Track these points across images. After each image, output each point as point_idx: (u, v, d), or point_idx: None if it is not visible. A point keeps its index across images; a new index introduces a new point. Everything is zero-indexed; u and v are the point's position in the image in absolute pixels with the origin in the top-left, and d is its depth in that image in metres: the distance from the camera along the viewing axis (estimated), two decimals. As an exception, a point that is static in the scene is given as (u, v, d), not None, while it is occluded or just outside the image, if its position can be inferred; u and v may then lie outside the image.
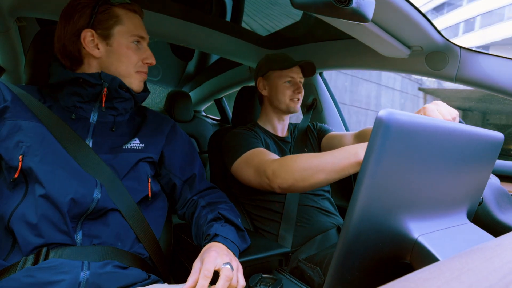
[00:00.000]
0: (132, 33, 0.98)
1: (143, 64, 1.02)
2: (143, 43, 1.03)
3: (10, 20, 1.40)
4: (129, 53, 0.98)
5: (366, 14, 0.75)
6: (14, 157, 0.82)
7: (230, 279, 0.76)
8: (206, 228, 0.97)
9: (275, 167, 1.11)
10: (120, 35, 0.96)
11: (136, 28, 0.99)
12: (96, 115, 0.96)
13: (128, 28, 0.97)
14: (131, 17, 0.99)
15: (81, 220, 0.85)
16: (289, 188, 1.09)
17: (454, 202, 0.68)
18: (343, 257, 0.52)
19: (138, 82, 1.02)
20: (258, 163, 1.20)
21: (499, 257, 0.31)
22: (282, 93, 1.48)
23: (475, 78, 1.30)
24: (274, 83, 1.50)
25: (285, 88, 1.49)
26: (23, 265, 0.77)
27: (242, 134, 1.38)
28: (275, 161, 1.14)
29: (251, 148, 1.29)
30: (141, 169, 0.98)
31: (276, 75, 1.50)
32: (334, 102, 2.14)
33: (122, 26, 0.96)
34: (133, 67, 0.99)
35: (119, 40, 0.96)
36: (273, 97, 1.51)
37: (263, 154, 1.24)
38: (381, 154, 0.48)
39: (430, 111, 0.88)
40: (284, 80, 1.49)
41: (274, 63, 1.51)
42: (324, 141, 1.58)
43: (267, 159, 1.18)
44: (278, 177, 1.09)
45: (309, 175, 1.03)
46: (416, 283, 0.26)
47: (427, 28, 1.19)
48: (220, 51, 2.06)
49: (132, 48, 0.98)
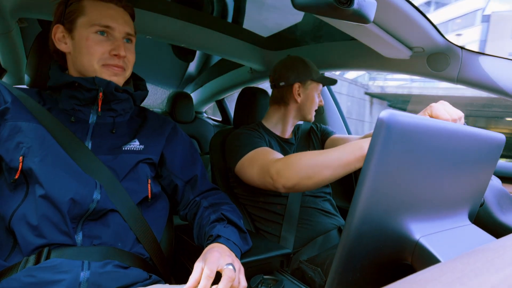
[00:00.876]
0: (93, 22, 0.91)
1: (110, 57, 0.94)
2: (114, 34, 0.95)
3: (11, 21, 1.40)
4: (90, 45, 0.91)
5: (368, 15, 0.75)
6: (14, 158, 0.83)
7: (233, 280, 0.76)
8: (209, 228, 0.96)
9: (279, 166, 1.10)
10: (81, 26, 0.92)
11: (100, 17, 0.92)
12: (95, 117, 0.96)
13: (90, 18, 0.92)
14: (98, 6, 0.93)
15: (81, 221, 0.85)
16: (294, 187, 1.07)
17: (455, 203, 0.68)
18: (345, 258, 0.52)
19: (108, 77, 0.94)
20: (262, 162, 1.19)
21: (500, 258, 0.31)
22: (315, 104, 1.52)
23: (477, 80, 1.30)
24: (311, 94, 1.50)
25: (316, 100, 1.52)
26: (24, 265, 0.77)
27: (246, 134, 1.37)
28: (279, 160, 1.13)
29: (255, 147, 1.28)
30: (141, 170, 0.97)
31: (314, 87, 1.51)
32: (336, 103, 2.14)
33: (84, 16, 0.92)
34: (96, 60, 0.93)
35: (80, 32, 0.92)
36: (306, 106, 1.51)
37: (267, 153, 1.23)
38: (382, 155, 0.48)
39: (437, 110, 0.88)
40: (317, 93, 1.52)
41: (314, 73, 1.50)
42: (327, 143, 1.58)
43: (271, 159, 1.17)
44: (282, 176, 1.08)
45: (315, 172, 1.02)
46: (418, 285, 0.26)
47: (429, 29, 1.19)
48: (222, 52, 2.06)
49: (94, 39, 0.92)
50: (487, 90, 1.30)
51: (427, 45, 1.32)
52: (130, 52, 0.99)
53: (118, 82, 0.97)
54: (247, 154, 1.27)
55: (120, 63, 0.96)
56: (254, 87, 1.74)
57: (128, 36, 0.98)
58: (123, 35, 0.97)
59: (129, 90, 1.00)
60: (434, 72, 1.40)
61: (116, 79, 0.96)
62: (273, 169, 1.11)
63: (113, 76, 0.95)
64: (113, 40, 0.95)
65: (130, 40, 1.00)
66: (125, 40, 0.98)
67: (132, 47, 1.01)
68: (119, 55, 0.94)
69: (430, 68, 1.40)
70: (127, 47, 0.98)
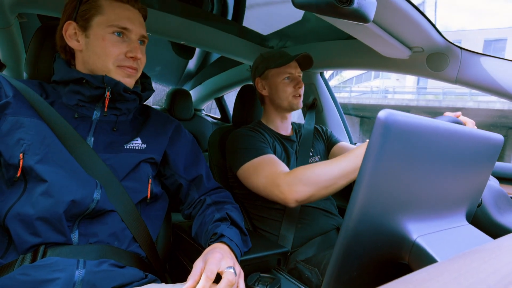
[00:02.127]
0: (111, 23, 0.90)
1: (126, 58, 0.94)
2: (130, 36, 0.94)
3: (11, 16, 1.40)
4: (106, 45, 0.91)
5: (368, 14, 0.75)
6: (14, 154, 0.81)
7: (232, 284, 0.75)
8: (212, 227, 0.96)
9: (290, 181, 1.10)
10: (97, 25, 0.91)
11: (118, 18, 0.91)
12: (98, 113, 0.95)
13: (108, 18, 0.91)
14: (115, 7, 0.92)
15: (78, 220, 0.84)
16: (308, 199, 1.09)
17: (453, 203, 0.68)
18: (342, 257, 0.52)
19: (121, 78, 0.94)
20: (269, 174, 1.18)
21: (497, 259, 0.31)
22: (283, 90, 1.45)
23: (476, 80, 1.30)
24: (273, 82, 1.47)
25: (285, 85, 1.45)
26: (20, 263, 0.77)
27: (250, 137, 1.35)
28: (289, 174, 1.13)
29: (261, 154, 1.26)
30: (142, 170, 0.97)
31: (274, 73, 1.47)
32: (335, 102, 2.14)
33: (101, 16, 0.91)
34: (112, 61, 0.92)
35: (96, 31, 0.91)
36: (274, 95, 1.48)
37: (274, 164, 1.22)
38: (380, 155, 0.48)
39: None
40: (283, 77, 1.45)
41: (270, 61, 1.48)
42: (334, 150, 1.58)
43: (279, 172, 1.17)
44: (295, 191, 1.09)
45: (331, 183, 1.06)
46: (414, 284, 0.26)
47: (428, 29, 1.19)
48: (221, 49, 2.06)
49: (110, 40, 0.91)
50: (486, 91, 1.30)
51: (426, 45, 1.32)
52: (143, 54, 0.99)
53: (130, 84, 0.97)
54: (251, 160, 1.26)
55: (134, 65, 0.95)
56: (253, 85, 1.73)
57: (142, 38, 0.98)
58: (138, 37, 0.96)
59: (138, 91, 0.99)
60: (433, 72, 1.40)
61: (129, 80, 0.96)
62: (283, 182, 1.12)
63: (126, 77, 0.95)
64: (129, 42, 0.94)
65: (143, 42, 1.00)
66: (139, 42, 0.98)
67: (144, 49, 1.01)
68: (135, 57, 0.94)
69: (429, 68, 1.40)
70: (141, 49, 0.98)
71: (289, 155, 1.45)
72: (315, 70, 2.01)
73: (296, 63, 1.49)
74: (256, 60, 1.56)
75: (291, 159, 1.44)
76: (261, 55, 1.54)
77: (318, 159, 1.52)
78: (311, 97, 2.05)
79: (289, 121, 1.59)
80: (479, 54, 1.30)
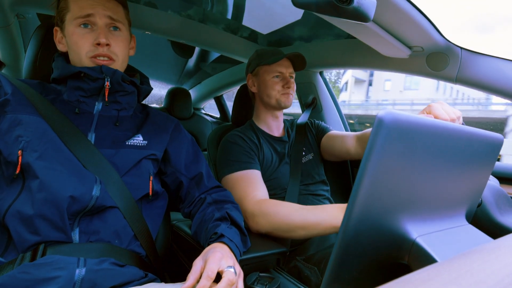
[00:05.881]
0: (76, 15, 0.90)
1: (95, 47, 0.91)
2: (96, 21, 0.91)
3: (11, 14, 1.40)
4: (76, 39, 0.90)
5: (367, 13, 0.74)
6: (13, 152, 0.81)
7: (233, 284, 0.75)
8: (212, 226, 0.95)
9: (256, 211, 1.14)
10: (68, 23, 0.91)
11: (80, 9, 0.89)
12: (100, 105, 0.95)
13: (73, 12, 0.90)
14: (79, 0, 0.91)
15: (78, 217, 0.84)
16: (267, 233, 1.14)
17: (453, 203, 0.68)
18: (341, 256, 0.52)
19: None
20: (242, 195, 1.21)
21: (497, 259, 0.31)
22: (271, 88, 1.43)
23: (476, 80, 1.30)
24: (262, 79, 1.46)
25: (274, 83, 1.43)
26: (20, 262, 0.76)
27: (237, 146, 1.35)
28: (257, 204, 1.16)
29: (243, 168, 1.28)
30: (144, 167, 0.96)
31: (264, 70, 1.45)
32: (334, 102, 2.14)
33: (69, 12, 0.91)
34: (84, 53, 0.91)
35: (68, 29, 0.92)
36: (263, 93, 1.46)
37: (250, 184, 1.24)
38: (380, 154, 0.48)
39: (435, 109, 0.88)
40: (273, 75, 1.43)
41: (262, 58, 1.47)
42: (324, 140, 1.56)
43: (251, 196, 1.20)
44: (256, 223, 1.14)
45: (290, 230, 1.09)
46: (414, 284, 0.26)
47: (428, 29, 1.19)
48: (221, 48, 2.06)
49: (79, 33, 0.90)
50: (486, 90, 1.30)
51: (426, 45, 1.32)
52: (116, 41, 0.95)
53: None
54: (232, 174, 1.29)
55: (105, 52, 0.92)
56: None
57: (112, 22, 0.94)
58: (105, 21, 0.92)
59: (136, 81, 1.00)
60: (433, 72, 1.40)
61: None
62: (249, 209, 1.16)
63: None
64: (96, 29, 0.91)
65: (118, 28, 0.96)
66: (111, 28, 0.95)
67: (121, 36, 0.96)
68: (101, 43, 0.91)
69: (429, 67, 1.40)
70: (113, 35, 0.94)
71: (280, 157, 1.45)
72: (315, 69, 2.01)
73: (289, 63, 1.48)
74: (251, 57, 1.55)
75: (282, 160, 1.44)
76: (256, 52, 1.53)
77: (311, 156, 1.52)
78: (311, 96, 2.05)
79: (281, 120, 1.57)
80: (479, 53, 1.30)
